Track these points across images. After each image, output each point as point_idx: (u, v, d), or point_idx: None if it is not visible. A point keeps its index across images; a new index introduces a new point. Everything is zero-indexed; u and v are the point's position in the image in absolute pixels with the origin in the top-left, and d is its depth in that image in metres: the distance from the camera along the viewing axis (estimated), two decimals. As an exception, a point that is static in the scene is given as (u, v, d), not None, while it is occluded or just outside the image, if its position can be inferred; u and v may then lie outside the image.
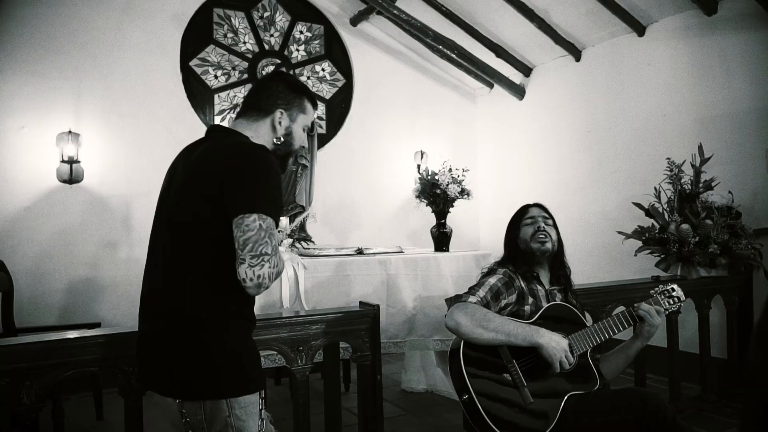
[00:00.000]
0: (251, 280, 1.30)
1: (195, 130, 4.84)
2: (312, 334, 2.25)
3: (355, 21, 5.54)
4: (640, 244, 3.56)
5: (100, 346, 1.89)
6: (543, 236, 2.19)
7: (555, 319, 2.07)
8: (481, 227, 6.30)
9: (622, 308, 3.15)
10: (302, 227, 4.87)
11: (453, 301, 2.11)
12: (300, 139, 1.64)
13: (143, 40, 4.62)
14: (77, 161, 4.26)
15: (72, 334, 1.89)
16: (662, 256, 3.48)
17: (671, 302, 2.24)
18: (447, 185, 3.51)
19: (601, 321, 2.15)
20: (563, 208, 5.18)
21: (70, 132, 4.26)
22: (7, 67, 4.15)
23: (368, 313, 2.38)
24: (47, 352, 1.80)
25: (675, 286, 2.28)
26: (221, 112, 5.01)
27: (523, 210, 2.36)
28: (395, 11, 4.90)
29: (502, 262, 2.28)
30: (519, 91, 5.67)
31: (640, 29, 4.46)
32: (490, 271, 2.22)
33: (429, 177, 3.58)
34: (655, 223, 3.58)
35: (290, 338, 2.20)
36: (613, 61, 4.74)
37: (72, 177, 4.26)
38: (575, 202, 5.08)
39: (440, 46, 5.21)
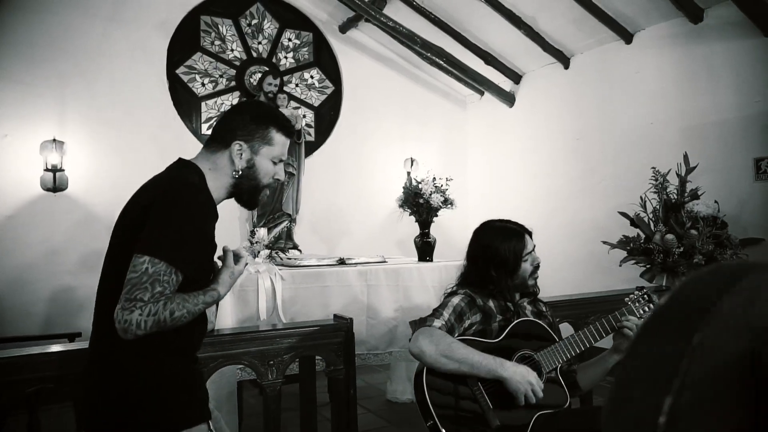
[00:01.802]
0: (119, 323, 1.22)
1: (181, 137, 4.83)
2: (283, 348, 2.22)
3: (344, 28, 5.53)
4: (625, 253, 3.53)
5: (55, 362, 1.85)
6: (538, 273, 2.13)
7: (523, 335, 2.02)
8: (470, 233, 6.26)
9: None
10: (289, 236, 4.85)
11: (417, 324, 2.06)
12: (267, 172, 1.50)
13: (129, 48, 4.61)
14: (61, 169, 4.24)
15: (28, 351, 1.86)
16: (647, 266, 3.45)
17: (646, 309, 2.20)
18: (430, 195, 3.48)
19: (575, 333, 2.10)
20: (552, 216, 5.16)
21: (54, 140, 4.23)
22: (-9, 75, 4.13)
23: (341, 327, 2.34)
24: (3, 369, 1.77)
25: (652, 293, 2.24)
26: (208, 119, 4.99)
27: (521, 242, 2.12)
28: (383, 18, 4.89)
29: (463, 283, 2.16)
30: (509, 98, 5.65)
31: (627, 37, 4.45)
32: (451, 293, 2.15)
33: (411, 186, 3.54)
34: (641, 233, 3.56)
35: (260, 352, 2.17)
36: (601, 69, 4.73)
37: (56, 185, 4.23)
38: (564, 210, 5.05)
39: (428, 54, 5.20)
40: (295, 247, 4.87)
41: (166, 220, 1.29)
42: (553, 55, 4.95)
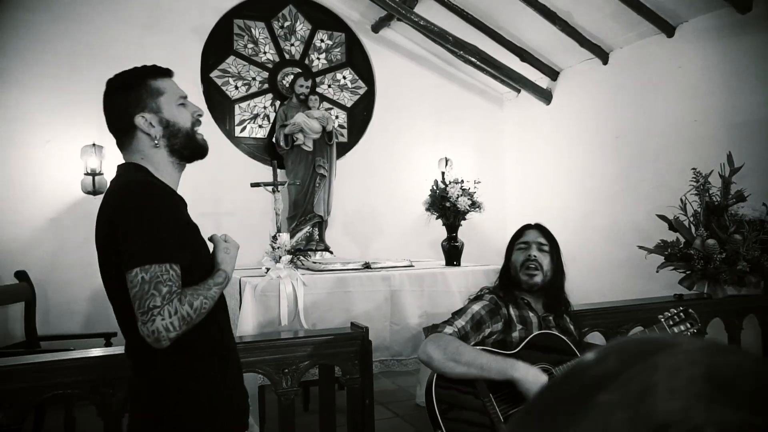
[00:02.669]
0: (148, 337, 1.21)
1: (215, 140, 4.87)
2: (299, 357, 2.21)
3: (376, 27, 5.49)
4: (663, 259, 3.36)
5: (79, 368, 1.90)
6: (533, 266, 2.06)
7: (542, 348, 1.95)
8: (509, 235, 6.12)
9: (640, 329, 2.99)
10: (320, 237, 4.87)
11: (430, 331, 2.02)
12: (182, 116, 1.42)
13: (164, 54, 4.70)
14: (100, 173, 4.37)
15: (48, 357, 1.91)
16: (686, 272, 3.27)
17: (682, 328, 2.08)
18: (457, 198, 3.42)
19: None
20: (590, 217, 4.99)
21: (94, 144, 4.37)
22: (34, 82, 4.30)
23: (357, 336, 2.32)
24: (23, 375, 1.82)
25: (690, 310, 2.11)
26: (241, 122, 5.06)
27: (520, 232, 2.23)
28: (414, 17, 4.83)
29: (493, 287, 2.17)
30: (546, 96, 5.49)
31: (669, 30, 4.23)
32: (477, 297, 2.12)
33: (438, 190, 3.49)
34: (680, 237, 3.38)
35: (275, 360, 2.16)
36: (641, 64, 4.52)
37: (95, 188, 4.37)
38: (603, 211, 4.87)
39: (461, 52, 5.10)
40: (327, 248, 4.88)
41: (133, 227, 1.27)
42: (591, 50, 4.77)
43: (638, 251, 4.17)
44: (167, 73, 1.46)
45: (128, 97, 1.38)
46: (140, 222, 1.28)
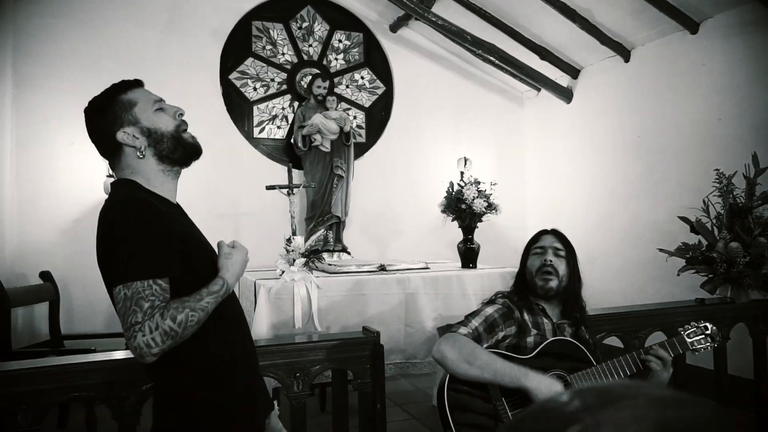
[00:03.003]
0: (132, 353, 1.24)
1: (234, 142, 4.96)
2: (310, 361, 2.22)
3: (394, 27, 5.47)
4: (684, 262, 3.29)
5: (95, 371, 1.93)
6: (548, 272, 2.03)
7: (557, 355, 1.93)
8: (529, 236, 6.06)
9: (659, 333, 2.93)
10: (338, 238, 4.88)
11: (444, 330, 2.01)
12: (163, 121, 1.41)
13: (184, 57, 4.77)
14: (121, 175, 4.45)
15: (67, 360, 1.95)
16: (708, 276, 3.20)
17: (701, 342, 2.01)
18: (473, 200, 3.39)
19: (609, 361, 1.97)
20: (611, 218, 4.91)
21: (115, 147, 4.45)
22: (59, 87, 4.40)
23: (368, 340, 2.32)
24: (40, 378, 1.86)
25: (710, 325, 2.04)
26: (260, 123, 5.09)
27: (536, 237, 2.21)
28: (432, 17, 4.80)
29: (507, 292, 2.15)
30: (566, 94, 5.42)
31: (692, 26, 4.13)
32: (490, 301, 2.11)
33: (454, 192, 3.46)
34: (702, 240, 3.30)
35: (286, 365, 2.18)
36: (664, 62, 4.42)
37: (117, 190, 4.45)
38: (624, 212, 4.79)
39: (480, 51, 5.06)
40: (344, 249, 4.89)
41: (113, 246, 1.29)
42: (612, 48, 4.68)
43: (658, 253, 4.10)
44: (136, 83, 1.46)
45: (105, 118, 1.39)
46: (119, 240, 1.28)
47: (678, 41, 4.30)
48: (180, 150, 1.43)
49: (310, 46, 5.30)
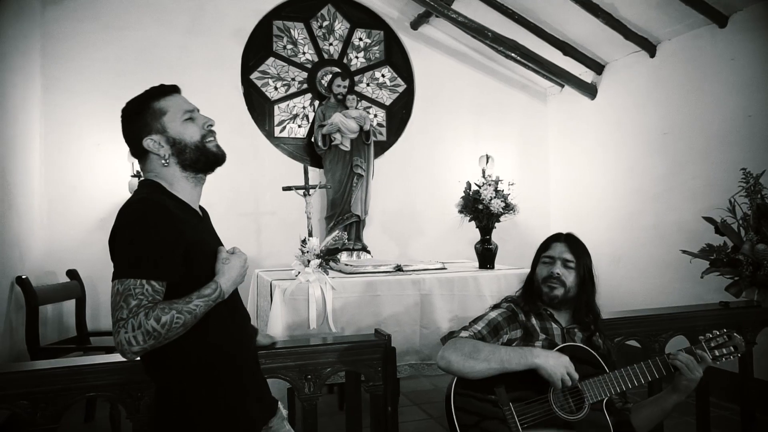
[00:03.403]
0: (116, 348, 1.28)
1: (255, 141, 5.01)
2: (321, 363, 2.23)
3: (415, 24, 5.44)
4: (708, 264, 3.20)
5: (109, 372, 1.98)
6: (554, 283, 2.02)
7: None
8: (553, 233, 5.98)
9: (681, 338, 2.85)
10: (358, 237, 4.89)
11: (447, 338, 2.00)
12: (189, 131, 1.47)
13: (206, 57, 4.83)
14: (145, 175, 4.53)
15: (82, 361, 2.00)
16: (734, 279, 3.10)
17: (724, 351, 1.94)
18: (490, 200, 3.36)
19: (629, 366, 1.93)
20: (636, 217, 4.81)
21: (139, 147, 4.54)
22: (85, 89, 4.50)
23: (380, 343, 2.32)
24: (59, 378, 1.91)
25: (735, 334, 1.97)
26: (281, 122, 5.13)
27: (546, 244, 2.17)
28: (452, 14, 4.76)
29: (514, 297, 2.14)
30: (590, 90, 5.31)
31: (721, 20, 4.00)
32: (496, 306, 2.10)
33: (471, 192, 3.43)
34: (728, 242, 3.20)
35: (297, 367, 2.19)
36: (691, 56, 4.30)
37: (141, 190, 4.54)
38: (649, 211, 4.68)
39: (501, 47, 4.99)
40: (364, 248, 4.90)
41: (119, 242, 1.35)
42: (637, 43, 4.57)
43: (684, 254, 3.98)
44: (172, 90, 1.50)
45: (137, 123, 1.46)
46: (125, 237, 1.34)
47: (706, 35, 4.17)
48: (202, 159, 1.49)
49: (331, 44, 5.31)
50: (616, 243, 5.06)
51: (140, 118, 1.45)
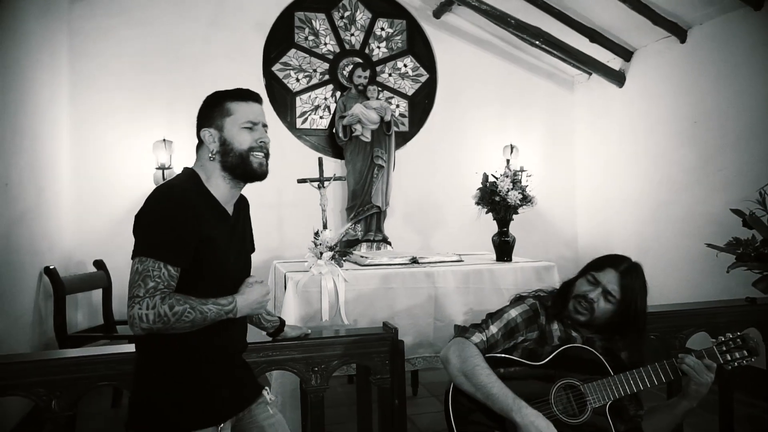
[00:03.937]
0: (127, 320, 1.37)
1: (277, 133, 5.03)
2: (328, 356, 2.24)
3: (438, 13, 5.37)
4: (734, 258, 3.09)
5: (120, 362, 2.03)
6: (584, 307, 1.89)
7: (571, 363, 1.83)
8: (579, 225, 5.88)
9: (703, 334, 2.75)
10: (378, 228, 4.89)
11: (460, 332, 1.97)
12: (241, 140, 1.53)
13: (228, 50, 4.88)
14: (169, 167, 4.62)
15: (95, 351, 2.06)
16: (762, 274, 2.99)
17: (736, 355, 1.85)
18: (507, 192, 3.30)
19: (635, 370, 1.85)
20: (664, 208, 4.68)
21: (164, 140, 4.63)
22: (111, 85, 4.60)
23: (387, 337, 2.31)
24: (75, 367, 1.98)
25: (750, 336, 1.88)
26: (303, 114, 5.15)
27: (601, 264, 1.96)
28: (474, 2, 4.68)
29: (544, 294, 2.04)
30: (618, 78, 5.16)
31: (756, 2, 3.82)
32: (518, 299, 2.03)
33: (488, 183, 3.38)
34: (757, 235, 3.08)
35: (305, 359, 2.21)
36: (723, 42, 4.12)
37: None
38: (679, 202, 4.54)
39: (524, 35, 4.89)
40: (385, 239, 4.90)
41: (143, 224, 1.43)
42: (667, 28, 4.41)
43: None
44: (251, 97, 1.57)
45: (206, 112, 1.57)
46: (149, 219, 1.43)
47: (739, 19, 3.99)
48: (241, 168, 1.55)
49: (352, 35, 5.29)
50: (643, 235, 4.93)
51: (210, 109, 1.55)
